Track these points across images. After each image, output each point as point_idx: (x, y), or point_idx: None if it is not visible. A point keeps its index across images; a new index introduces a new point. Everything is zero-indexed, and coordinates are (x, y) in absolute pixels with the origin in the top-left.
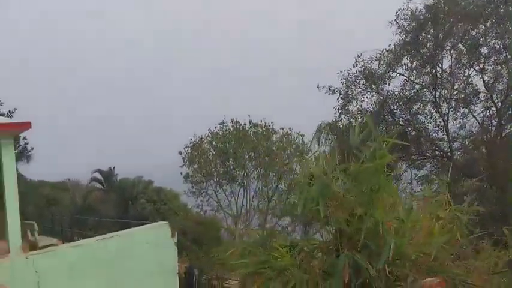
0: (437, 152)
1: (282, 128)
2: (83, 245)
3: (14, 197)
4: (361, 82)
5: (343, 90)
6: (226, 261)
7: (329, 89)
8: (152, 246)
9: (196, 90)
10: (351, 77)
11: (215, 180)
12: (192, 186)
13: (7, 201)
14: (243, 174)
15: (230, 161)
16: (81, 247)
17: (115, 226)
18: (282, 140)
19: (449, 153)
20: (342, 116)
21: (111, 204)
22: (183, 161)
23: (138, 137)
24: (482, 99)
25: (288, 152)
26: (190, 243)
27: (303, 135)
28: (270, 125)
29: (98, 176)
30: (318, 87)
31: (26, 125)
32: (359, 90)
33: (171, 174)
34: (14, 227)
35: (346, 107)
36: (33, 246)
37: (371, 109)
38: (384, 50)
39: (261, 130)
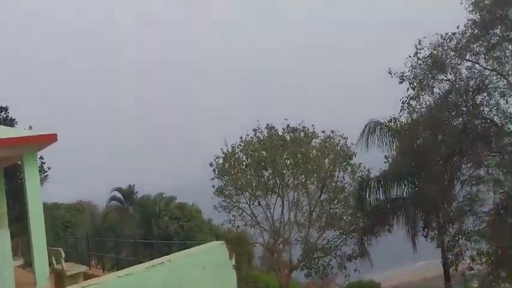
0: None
1: (323, 131)
2: (131, 274)
3: (39, 220)
4: (431, 70)
5: (412, 78)
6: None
7: (401, 77)
8: (209, 271)
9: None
10: (420, 65)
11: (250, 192)
12: (223, 200)
13: (32, 225)
14: (280, 184)
15: (267, 170)
16: (128, 277)
17: (142, 247)
18: (324, 144)
19: None
20: (405, 111)
21: (133, 223)
22: (214, 173)
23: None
24: None
25: (331, 156)
26: None
27: (346, 138)
28: (309, 129)
29: (118, 194)
30: (390, 73)
31: (51, 138)
32: (429, 78)
33: (194, 188)
34: (41, 256)
35: (416, 99)
36: (60, 276)
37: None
38: (450, 33)
39: (301, 135)
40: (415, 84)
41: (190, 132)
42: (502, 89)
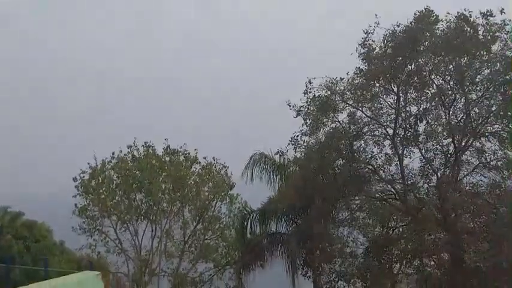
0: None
1: (205, 157)
2: None
3: None
4: (315, 112)
5: (305, 115)
6: None
7: (298, 111)
8: None
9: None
10: (304, 107)
11: (118, 215)
12: (84, 222)
13: None
14: (154, 210)
15: (141, 193)
16: None
17: None
18: (204, 171)
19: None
20: (291, 147)
21: None
22: (77, 189)
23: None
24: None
25: (210, 184)
26: None
27: (227, 167)
28: (190, 153)
29: None
30: (288, 105)
31: None
32: (322, 117)
33: (43, 205)
34: None
35: (309, 136)
36: None
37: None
38: (339, 78)
39: (180, 158)
40: (308, 121)
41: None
42: (378, 138)
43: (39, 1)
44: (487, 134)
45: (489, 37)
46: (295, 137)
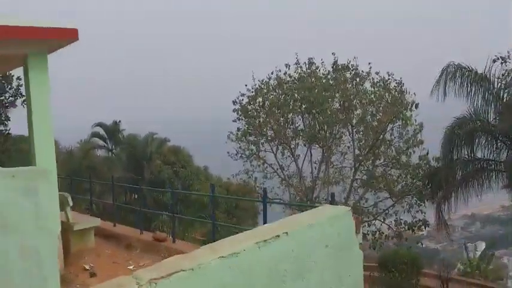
0: None
1: (378, 73)
2: (237, 254)
3: (48, 151)
4: None
5: None
6: None
7: None
8: (333, 251)
9: None
10: None
11: (282, 139)
12: (240, 147)
13: (40, 160)
14: (322, 133)
15: (309, 115)
16: (235, 258)
17: (134, 193)
18: (379, 89)
19: None
20: None
21: (119, 165)
22: (237, 113)
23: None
24: None
25: (384, 104)
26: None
27: (403, 83)
28: (360, 69)
29: (100, 130)
30: None
31: (70, 34)
32: None
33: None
34: (53, 206)
35: None
36: (64, 229)
37: None
38: None
39: (348, 75)
40: None
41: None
42: None
43: None
44: None
45: None
46: None
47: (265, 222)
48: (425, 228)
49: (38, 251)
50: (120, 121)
